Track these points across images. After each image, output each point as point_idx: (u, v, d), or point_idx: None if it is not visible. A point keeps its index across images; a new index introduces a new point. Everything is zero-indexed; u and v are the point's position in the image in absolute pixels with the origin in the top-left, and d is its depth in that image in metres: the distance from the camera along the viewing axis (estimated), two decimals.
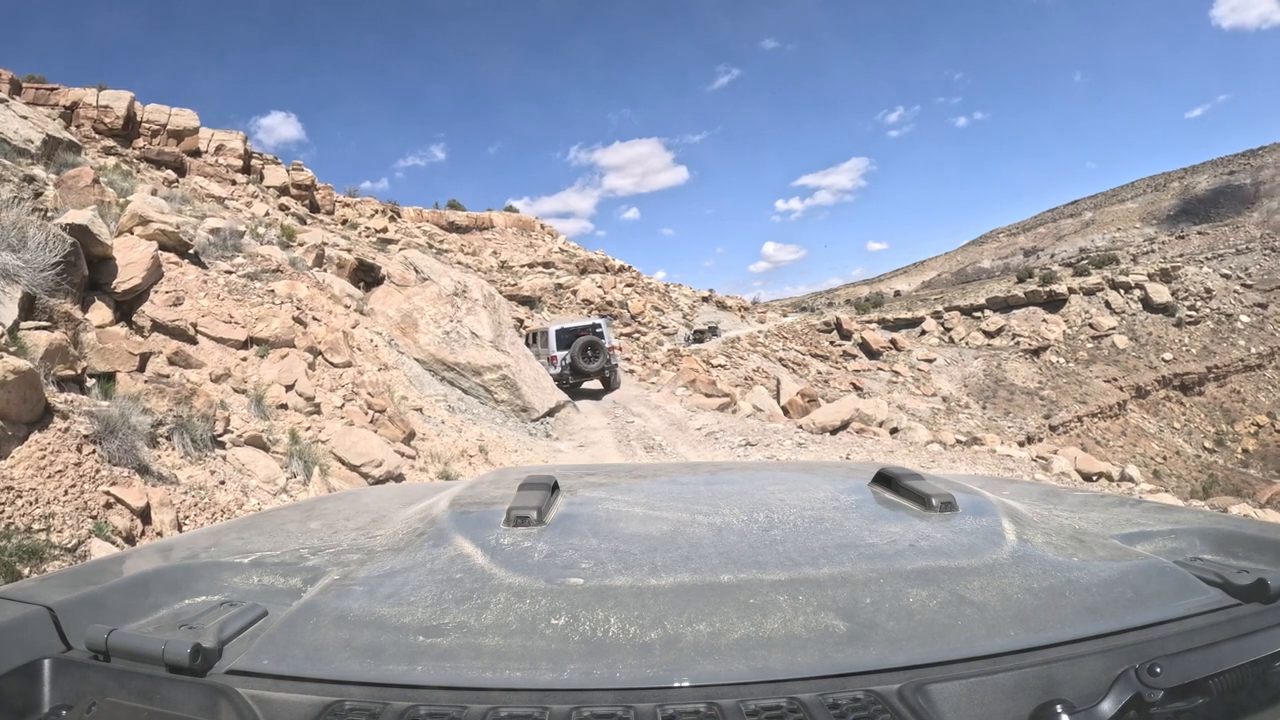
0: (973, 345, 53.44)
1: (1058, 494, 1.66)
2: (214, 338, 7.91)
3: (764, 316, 53.77)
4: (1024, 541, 0.97)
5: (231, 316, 8.10)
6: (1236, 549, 1.05)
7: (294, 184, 40.07)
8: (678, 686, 0.68)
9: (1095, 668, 0.70)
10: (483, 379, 11.96)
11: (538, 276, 44.26)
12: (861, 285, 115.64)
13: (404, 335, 12.28)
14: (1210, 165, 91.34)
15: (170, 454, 5.50)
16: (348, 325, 10.00)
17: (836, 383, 43.68)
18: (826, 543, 0.97)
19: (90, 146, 29.43)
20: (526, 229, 54.21)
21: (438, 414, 9.50)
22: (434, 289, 12.55)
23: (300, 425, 7.05)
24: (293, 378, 7.48)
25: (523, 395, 12.07)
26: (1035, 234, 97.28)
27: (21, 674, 0.72)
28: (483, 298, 12.73)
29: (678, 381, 16.21)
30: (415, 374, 10.27)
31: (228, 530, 1.30)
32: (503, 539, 0.97)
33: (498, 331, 12.50)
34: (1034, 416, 47.25)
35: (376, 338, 10.29)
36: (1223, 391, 52.54)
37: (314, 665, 0.72)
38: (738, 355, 41.44)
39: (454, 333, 12.12)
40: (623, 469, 1.98)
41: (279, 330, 8.11)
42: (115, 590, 0.93)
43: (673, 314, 47.27)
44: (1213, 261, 59.34)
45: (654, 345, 37.84)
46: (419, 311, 12.35)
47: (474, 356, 11.90)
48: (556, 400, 12.94)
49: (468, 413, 10.76)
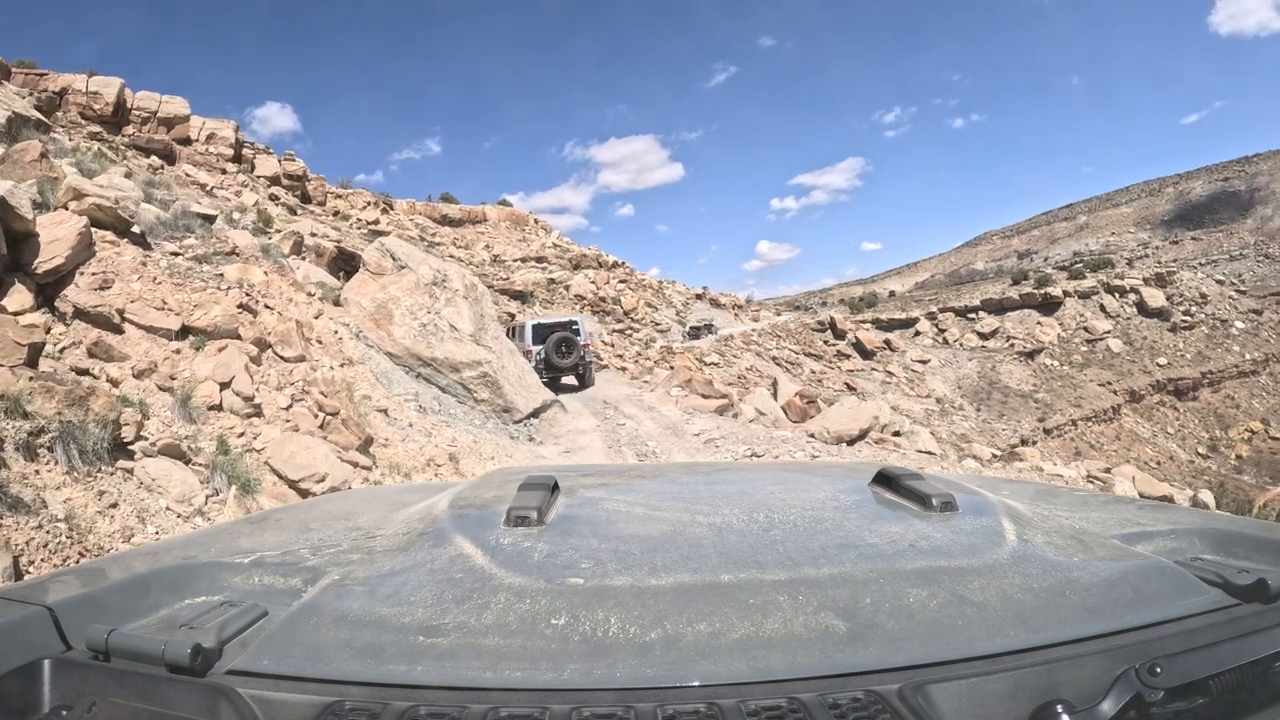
0: (967, 347, 53.19)
1: (1057, 494, 1.61)
2: (143, 326, 6.79)
3: (758, 315, 53.37)
4: (1024, 541, 0.96)
5: (165, 303, 6.98)
6: (1236, 549, 1.03)
7: (285, 174, 40.63)
8: (678, 686, 0.67)
9: (1095, 668, 0.69)
10: (461, 376, 10.81)
11: (530, 271, 43.63)
12: (855, 285, 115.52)
13: (378, 327, 11.17)
14: (1205, 171, 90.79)
15: (50, 470, 4.39)
16: (309, 315, 8.88)
17: (830, 383, 43.40)
18: (826, 543, 0.95)
19: (75, 131, 28.57)
20: (520, 223, 53.47)
21: (406, 415, 8.38)
22: (411, 278, 11.39)
23: (232, 431, 5.94)
24: (229, 374, 6.36)
25: (505, 394, 10.92)
26: (1029, 237, 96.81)
27: (22, 674, 0.72)
28: (464, 288, 11.55)
29: (672, 381, 15.02)
30: (384, 370, 9.12)
31: (228, 530, 1.28)
32: (503, 539, 0.96)
33: (479, 325, 11.35)
34: (1028, 419, 47.20)
35: (342, 330, 9.17)
36: (1217, 397, 52.85)
37: (314, 665, 0.71)
38: (731, 353, 41.07)
39: (431, 325, 10.98)
40: (622, 469, 1.96)
41: (220, 319, 6.99)
42: (115, 590, 0.92)
43: (666, 311, 46.93)
44: (1206, 267, 59.17)
45: (647, 342, 37.36)
46: (394, 302, 11.21)
47: (452, 351, 10.76)
48: (542, 399, 11.76)
49: (443, 413, 9.62)
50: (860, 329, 51.37)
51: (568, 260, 47.48)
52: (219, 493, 5.26)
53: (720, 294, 55.72)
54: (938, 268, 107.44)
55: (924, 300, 67.78)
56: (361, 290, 11.64)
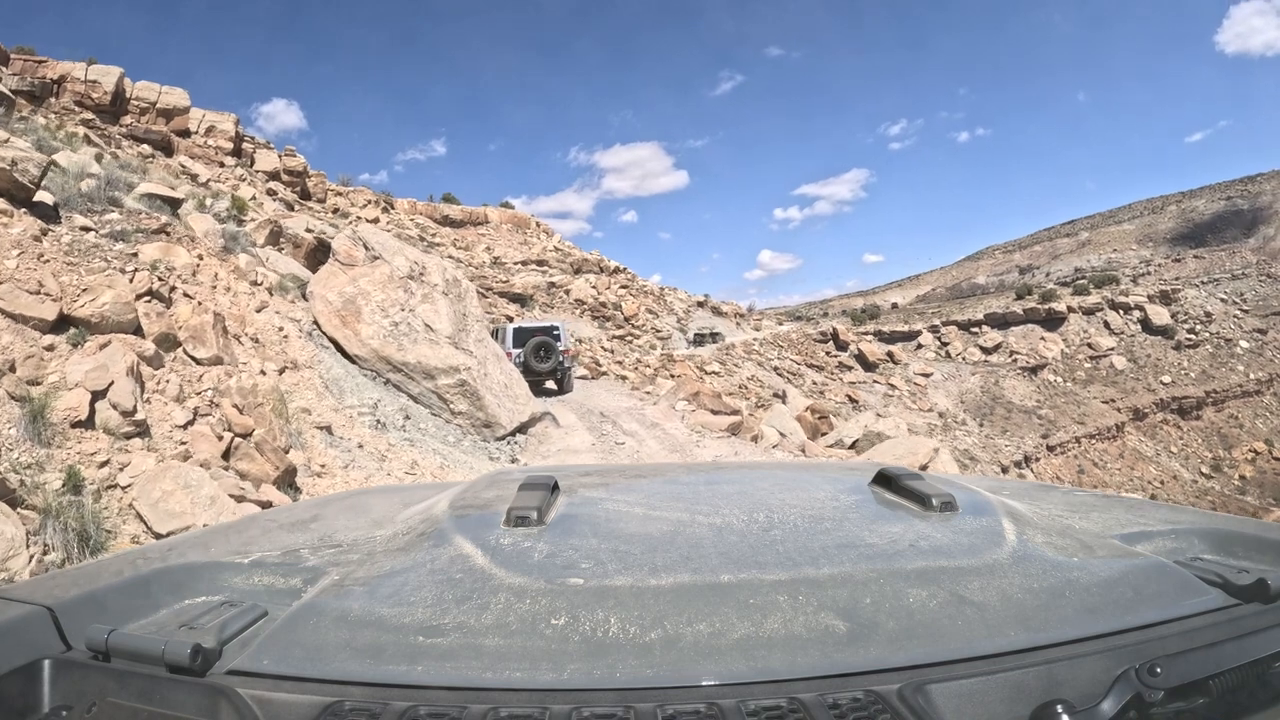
0: (970, 361, 51.84)
1: (1057, 494, 1.53)
2: (9, 314, 5.15)
3: (759, 324, 51.99)
4: (1024, 541, 0.94)
5: (42, 286, 5.33)
6: (1236, 549, 1.01)
7: (285, 170, 39.76)
8: (678, 686, 0.66)
9: (1095, 668, 0.69)
10: (436, 384, 9.18)
11: (531, 274, 42.19)
12: (856, 296, 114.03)
13: (344, 325, 9.53)
14: (1208, 190, 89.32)
15: None
16: (249, 307, 7.24)
17: (831, 394, 42.19)
18: (826, 543, 0.94)
19: (68, 117, 27.16)
20: (521, 226, 52.02)
21: (356, 433, 6.74)
22: (384, 270, 9.74)
23: (94, 459, 4.30)
24: (106, 379, 4.71)
25: (485, 406, 9.27)
26: (1031, 252, 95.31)
27: (22, 674, 0.71)
28: (444, 283, 9.90)
29: (678, 393, 13.29)
30: (335, 376, 7.46)
31: (228, 530, 1.25)
32: (503, 539, 0.94)
33: (460, 325, 9.69)
34: (1031, 436, 45.94)
35: (290, 326, 7.53)
36: (1220, 417, 51.76)
37: (314, 665, 0.70)
38: (732, 362, 39.86)
39: (404, 324, 9.34)
40: (622, 469, 1.92)
41: (110, 307, 5.34)
42: (115, 590, 0.90)
43: (667, 318, 45.73)
44: (1209, 286, 57.80)
45: (647, 349, 36.02)
46: (364, 297, 9.56)
47: (426, 355, 9.12)
48: (530, 412, 10.08)
49: (409, 429, 7.97)
50: (863, 340, 49.94)
51: (569, 264, 46.15)
52: (50, 550, 3.61)
53: (722, 302, 54.41)
54: (939, 281, 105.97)
55: (926, 313, 66.35)
56: (329, 283, 9.99)
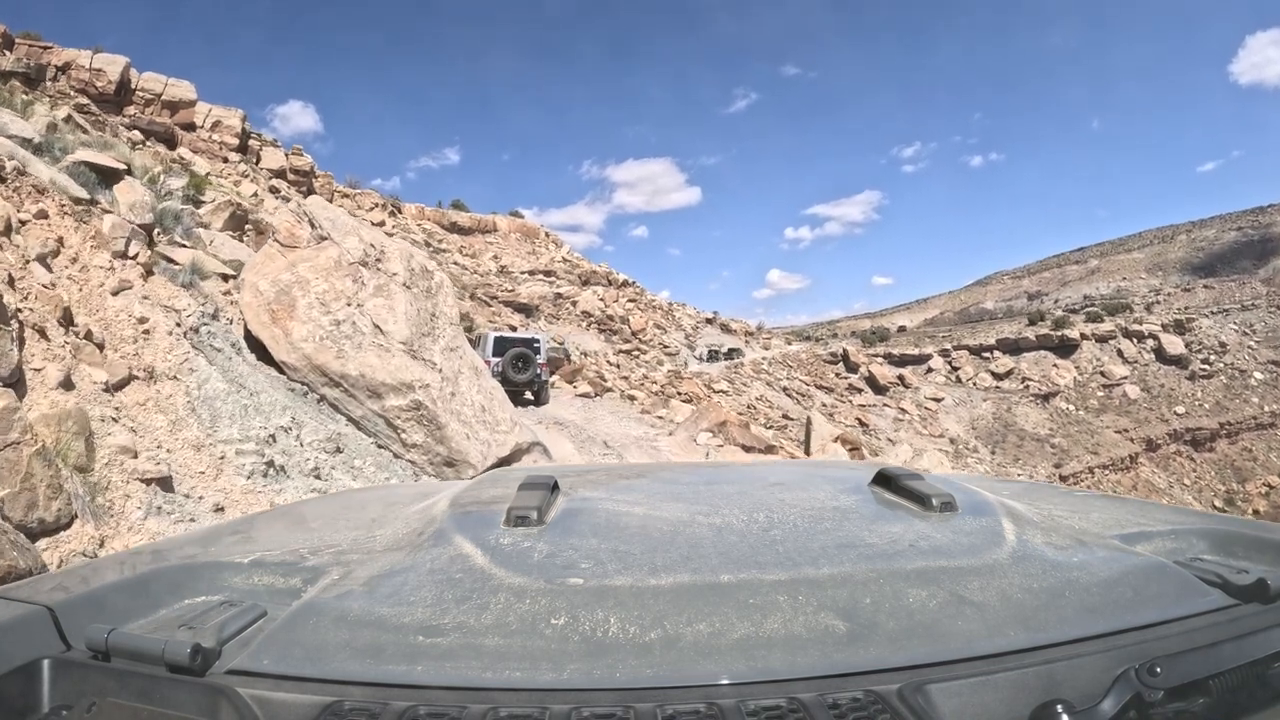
0: (981, 386, 49.34)
1: (1057, 494, 1.48)
2: None
3: (768, 343, 49.58)
4: (1024, 541, 0.91)
5: None
6: (1236, 549, 0.99)
7: (292, 169, 37.90)
8: (678, 686, 0.65)
9: (1095, 668, 0.67)
10: (383, 405, 6.60)
11: (537, 284, 39.86)
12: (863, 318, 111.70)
13: (274, 323, 7.01)
14: (1219, 220, 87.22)
15: None
16: (99, 288, 4.76)
17: (841, 417, 39.82)
18: (826, 543, 0.91)
19: (62, 101, 25.13)
20: (530, 235, 49.76)
21: (220, 486, 4.12)
22: (331, 254, 7.24)
23: None
24: None
25: (448, 439, 6.63)
26: (1040, 278, 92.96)
27: (21, 674, 0.69)
28: (405, 273, 7.28)
29: (699, 422, 10.36)
30: (213, 394, 4.88)
31: (227, 530, 1.24)
32: (503, 539, 0.91)
33: (423, 328, 7.09)
34: (1044, 465, 43.52)
35: (160, 317, 5.01)
36: (1234, 449, 49.30)
37: (314, 665, 0.68)
38: (740, 381, 37.55)
39: (348, 323, 6.80)
40: (623, 469, 1.84)
41: None
42: (115, 590, 0.88)
43: (675, 333, 43.55)
44: (1219, 316, 55.35)
45: (654, 364, 33.66)
46: (301, 286, 7.03)
47: (372, 366, 6.58)
48: (514, 444, 7.31)
49: (335, 470, 5.38)
50: (873, 363, 47.40)
51: (577, 276, 43.91)
52: None
53: (731, 319, 52.06)
54: (947, 305, 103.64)
55: (936, 336, 63.86)
56: (264, 269, 7.47)
